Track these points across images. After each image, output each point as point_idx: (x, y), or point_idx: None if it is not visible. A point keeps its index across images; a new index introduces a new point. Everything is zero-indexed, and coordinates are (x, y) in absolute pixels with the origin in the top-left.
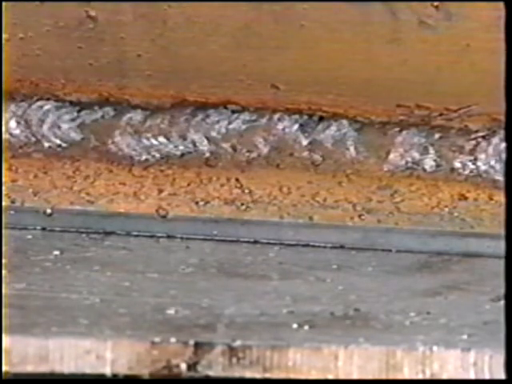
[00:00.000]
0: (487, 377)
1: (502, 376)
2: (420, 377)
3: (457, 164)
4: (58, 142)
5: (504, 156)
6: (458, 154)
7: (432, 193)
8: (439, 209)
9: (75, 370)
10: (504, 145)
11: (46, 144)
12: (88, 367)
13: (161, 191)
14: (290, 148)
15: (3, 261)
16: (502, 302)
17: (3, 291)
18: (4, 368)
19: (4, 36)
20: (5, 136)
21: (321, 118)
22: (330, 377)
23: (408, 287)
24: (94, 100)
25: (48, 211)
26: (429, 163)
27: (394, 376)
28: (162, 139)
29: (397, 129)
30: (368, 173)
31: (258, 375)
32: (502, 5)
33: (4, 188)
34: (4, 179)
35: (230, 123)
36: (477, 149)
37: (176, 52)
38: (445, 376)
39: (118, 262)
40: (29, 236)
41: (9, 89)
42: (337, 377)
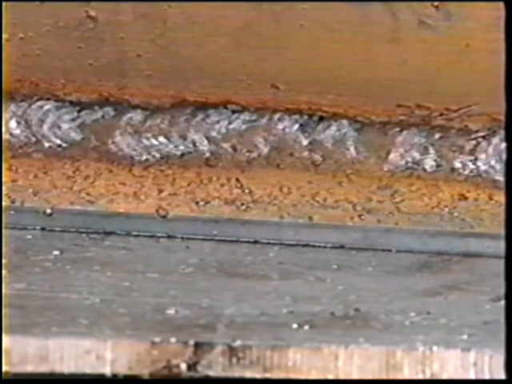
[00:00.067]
0: (487, 377)
1: (502, 376)
2: (420, 377)
3: (457, 164)
4: (58, 142)
5: (504, 156)
6: (459, 154)
7: (432, 193)
8: (439, 209)
9: (75, 370)
10: (504, 145)
11: (46, 144)
12: (88, 367)
13: (161, 191)
14: (290, 148)
15: (3, 261)
16: (502, 302)
17: (3, 291)
18: (4, 368)
19: (4, 36)
20: (5, 136)
21: (321, 118)
22: (330, 377)
23: (408, 287)
24: (94, 100)
25: (48, 211)
26: (429, 163)
27: (394, 376)
28: (162, 139)
29: (397, 129)
30: (368, 173)
31: (258, 375)
32: (502, 5)
33: (4, 188)
34: (4, 179)
35: (230, 123)
36: (477, 149)
37: (176, 52)
38: (445, 376)
39: (118, 262)
40: (29, 236)
41: (9, 89)
42: (337, 377)
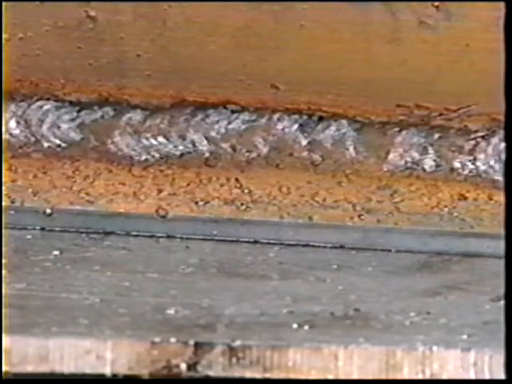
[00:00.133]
0: (487, 377)
1: (502, 376)
2: (420, 377)
3: (456, 164)
4: (58, 142)
5: (503, 156)
6: (458, 154)
7: (432, 193)
8: (439, 209)
9: (75, 370)
10: (503, 145)
11: (46, 144)
12: (88, 367)
13: (160, 191)
14: (290, 148)
15: (3, 261)
16: (502, 302)
17: (3, 291)
18: (4, 368)
19: (4, 36)
20: (5, 136)
21: (320, 118)
22: (330, 377)
23: (408, 287)
24: (94, 100)
25: (48, 211)
26: (428, 163)
27: (394, 376)
28: (162, 139)
29: (396, 129)
30: (368, 173)
31: (258, 375)
32: (502, 5)
33: (4, 188)
34: (4, 179)
35: (230, 123)
36: (476, 149)
37: (176, 52)
38: (445, 376)
39: (118, 262)
40: (29, 236)
41: (9, 89)
42: (337, 377)
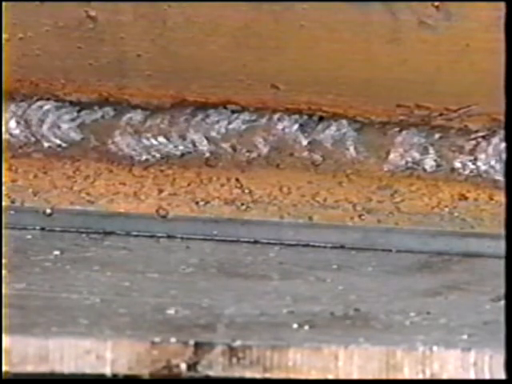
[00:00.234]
0: (487, 377)
1: (502, 376)
2: (420, 377)
3: (457, 164)
4: (58, 142)
5: (504, 156)
6: (458, 154)
7: (432, 193)
8: (439, 209)
9: (75, 370)
10: (504, 145)
11: (46, 144)
12: (88, 367)
13: (161, 191)
14: (290, 148)
15: (3, 261)
16: (502, 302)
17: (3, 291)
18: (4, 368)
19: (4, 36)
20: (5, 136)
21: (321, 118)
22: (330, 377)
23: (408, 287)
24: (94, 100)
25: (48, 211)
26: (429, 163)
27: (394, 376)
28: (162, 139)
29: (397, 129)
30: (368, 173)
31: (258, 375)
32: (502, 5)
33: (4, 188)
34: (4, 179)
35: (230, 123)
36: (477, 149)
37: (176, 52)
38: (445, 376)
39: (118, 262)
40: (29, 236)
41: (9, 89)
42: (337, 377)
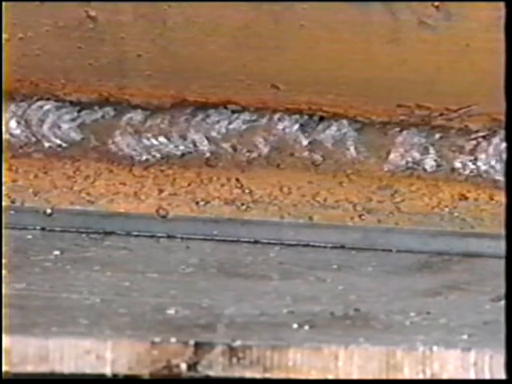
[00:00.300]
0: (487, 377)
1: (502, 376)
2: (420, 377)
3: (457, 164)
4: (58, 142)
5: (504, 156)
6: (459, 154)
7: (432, 193)
8: (439, 209)
9: (75, 370)
10: (504, 145)
11: (46, 144)
12: (88, 367)
13: (161, 191)
14: (291, 148)
15: (3, 261)
16: (502, 302)
17: (3, 291)
18: (4, 368)
19: (4, 36)
20: (5, 136)
21: (321, 118)
22: (330, 377)
23: (408, 287)
24: (94, 100)
25: (48, 211)
26: (429, 163)
27: (394, 376)
28: (163, 139)
29: (397, 129)
30: (368, 173)
31: (258, 375)
32: (502, 5)
33: (4, 188)
34: (4, 179)
35: (230, 123)
36: (477, 149)
37: (176, 52)
38: (445, 376)
39: (118, 262)
40: (29, 236)
41: (9, 89)
42: (337, 377)
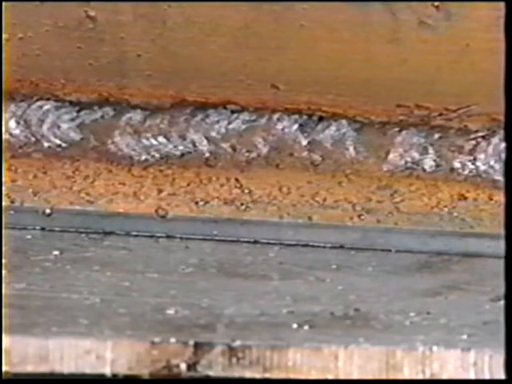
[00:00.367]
0: (487, 377)
1: (502, 376)
2: (420, 377)
3: (456, 164)
4: (58, 142)
5: (503, 156)
6: (458, 154)
7: (432, 193)
8: (439, 209)
9: (75, 370)
10: (503, 145)
11: (46, 144)
12: (88, 367)
13: (160, 191)
14: (290, 148)
15: (3, 261)
16: (502, 302)
17: (3, 291)
18: (4, 368)
19: (4, 36)
20: (4, 136)
21: (320, 118)
22: (330, 377)
23: (408, 287)
24: (94, 100)
25: (47, 211)
26: (428, 163)
27: (394, 376)
28: (162, 139)
29: (396, 129)
30: (367, 173)
31: (258, 375)
32: (502, 5)
33: (4, 188)
34: (4, 179)
35: (230, 123)
36: (476, 149)
37: (176, 52)
38: (445, 376)
39: (118, 262)
40: (28, 236)
41: (9, 89)
42: (337, 377)
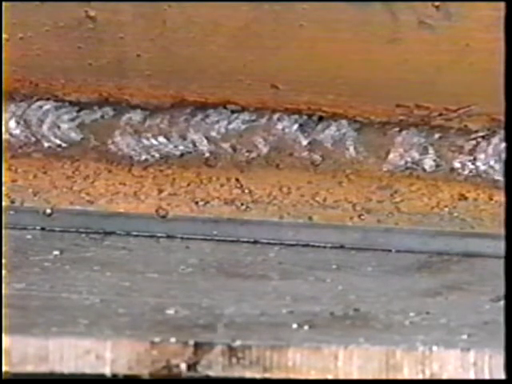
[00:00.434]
0: (487, 377)
1: (502, 376)
2: (420, 377)
3: (456, 164)
4: (58, 142)
5: (504, 156)
6: (458, 154)
7: (432, 193)
8: (439, 209)
9: (75, 370)
10: (504, 145)
11: (46, 144)
12: (88, 367)
13: (161, 191)
14: (290, 148)
15: (3, 261)
16: (502, 302)
17: (3, 291)
18: (4, 368)
19: (4, 36)
20: (5, 136)
21: (320, 118)
22: (330, 377)
23: (408, 287)
24: (94, 100)
25: (48, 211)
26: (428, 163)
27: (394, 376)
28: (162, 139)
29: (396, 129)
30: (368, 173)
31: (258, 375)
32: (502, 5)
33: (4, 188)
34: (4, 179)
35: (230, 123)
36: (476, 149)
37: (176, 52)
38: (445, 376)
39: (118, 262)
40: (28, 236)
41: (9, 89)
42: (337, 377)
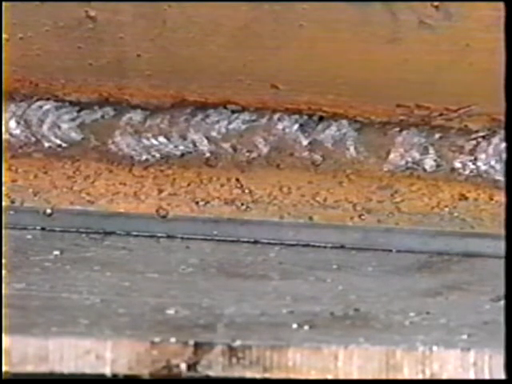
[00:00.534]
0: (487, 377)
1: (502, 376)
2: (420, 377)
3: (457, 164)
4: (58, 142)
5: (504, 156)
6: (458, 154)
7: (432, 193)
8: (439, 209)
9: (75, 370)
10: (504, 145)
11: (46, 144)
12: (88, 367)
13: (161, 191)
14: (290, 148)
15: (3, 261)
16: (502, 302)
17: (3, 291)
18: (4, 368)
19: (4, 36)
20: (5, 136)
21: (321, 118)
22: (330, 377)
23: (408, 287)
24: (94, 100)
25: (48, 211)
26: (429, 163)
27: (394, 376)
28: (162, 139)
29: (397, 129)
30: (368, 173)
31: (258, 375)
32: (502, 5)
33: (4, 188)
34: (4, 179)
35: (230, 123)
36: (477, 149)
37: (176, 52)
38: (445, 376)
39: (118, 262)
40: (29, 236)
41: (9, 89)
42: (337, 377)
